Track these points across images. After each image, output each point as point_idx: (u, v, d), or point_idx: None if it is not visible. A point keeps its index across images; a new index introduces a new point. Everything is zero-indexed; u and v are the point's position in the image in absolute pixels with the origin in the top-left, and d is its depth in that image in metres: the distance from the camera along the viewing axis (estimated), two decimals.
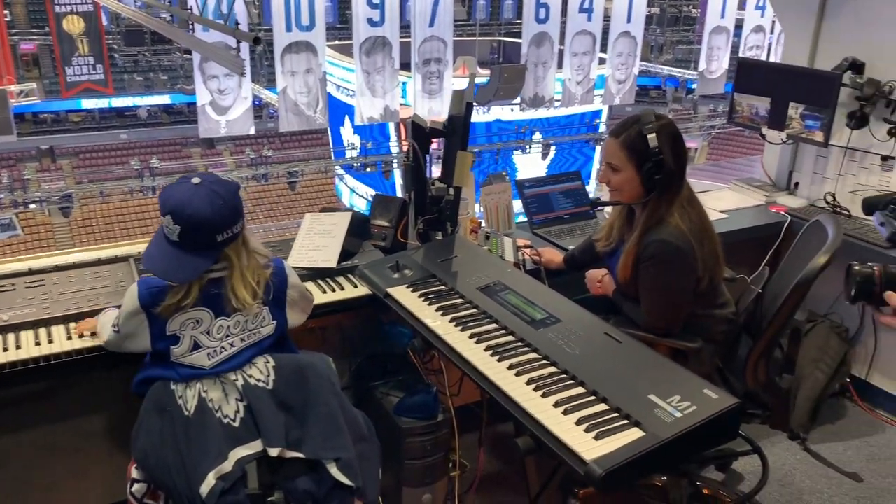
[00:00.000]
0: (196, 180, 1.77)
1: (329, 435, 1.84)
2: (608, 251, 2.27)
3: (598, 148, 15.99)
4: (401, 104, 12.12)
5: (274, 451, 1.78)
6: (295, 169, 13.48)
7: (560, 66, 12.66)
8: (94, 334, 2.04)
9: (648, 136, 2.04)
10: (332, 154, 15.91)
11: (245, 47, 10.65)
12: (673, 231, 2.04)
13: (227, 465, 1.75)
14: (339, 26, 17.21)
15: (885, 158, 3.13)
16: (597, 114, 15.74)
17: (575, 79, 12.99)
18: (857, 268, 1.48)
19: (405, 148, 13.86)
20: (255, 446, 1.80)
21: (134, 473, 1.85)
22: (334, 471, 1.83)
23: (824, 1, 3.24)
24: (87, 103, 17.85)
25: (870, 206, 1.58)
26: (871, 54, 3.09)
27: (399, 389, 2.49)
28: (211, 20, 3.76)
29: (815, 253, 2.09)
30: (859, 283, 1.47)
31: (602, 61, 13.20)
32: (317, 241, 2.44)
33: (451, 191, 2.38)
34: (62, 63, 12.39)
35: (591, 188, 15.01)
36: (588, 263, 2.48)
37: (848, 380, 3.30)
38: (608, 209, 2.58)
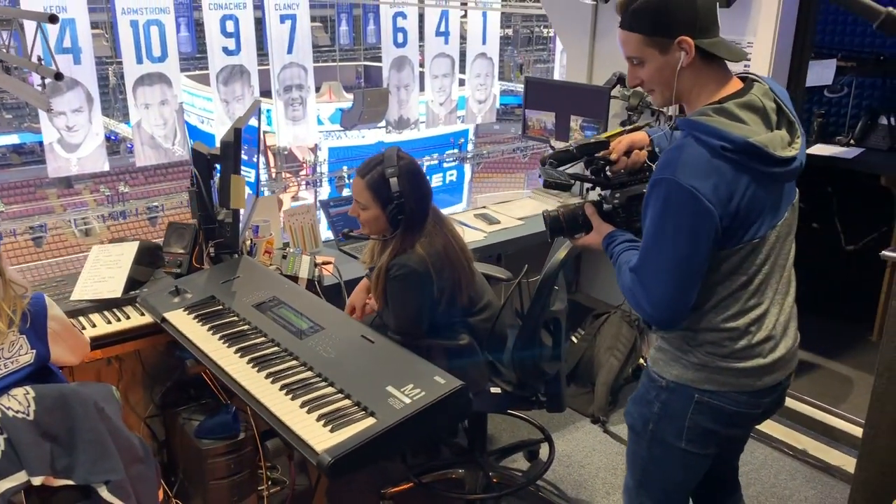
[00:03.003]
0: None
1: (97, 459, 1.87)
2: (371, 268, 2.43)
3: (466, 167, 16.49)
4: (265, 131, 12.03)
5: (37, 480, 1.80)
6: (154, 204, 13.07)
7: (422, 88, 12.97)
8: None
9: (390, 181, 2.18)
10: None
11: (94, 82, 10.33)
12: (415, 258, 2.21)
13: None
14: (199, 56, 16.87)
15: None
16: (463, 133, 16.20)
17: (437, 100, 13.32)
18: (546, 212, 1.82)
19: (273, 174, 13.53)
20: (19, 477, 1.81)
21: None
22: (105, 493, 1.87)
23: (595, 22, 3.58)
24: None
25: (541, 161, 1.87)
26: None
27: (201, 413, 2.54)
28: (12, 55, 3.70)
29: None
30: (550, 224, 1.81)
31: (462, 82, 13.60)
32: (102, 273, 2.46)
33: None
34: None
35: (463, 204, 15.45)
36: None
37: (644, 363, 3.62)
38: None
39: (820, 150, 3.99)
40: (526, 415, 3.16)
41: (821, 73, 3.98)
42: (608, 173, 1.80)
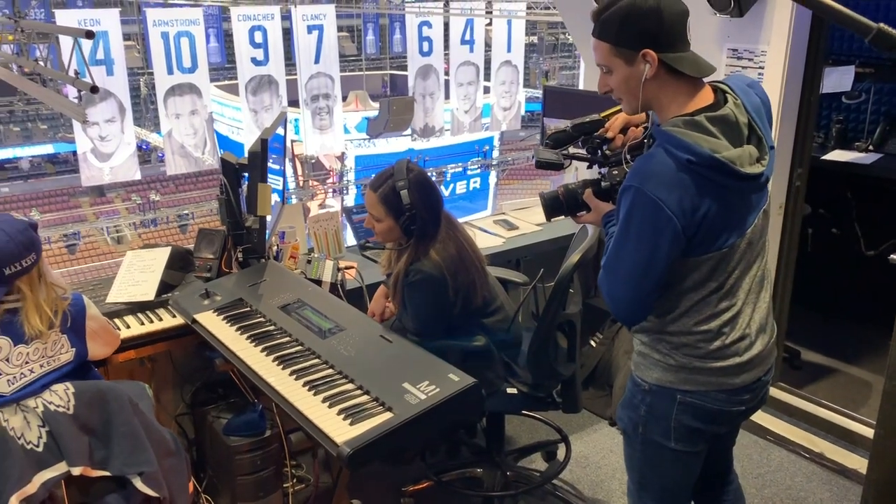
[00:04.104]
0: None
1: (132, 451, 2.00)
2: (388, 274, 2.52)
3: (492, 173, 16.55)
4: (293, 140, 12.20)
5: (76, 470, 1.93)
6: (185, 212, 13.34)
7: (447, 96, 13.08)
8: None
9: (401, 193, 2.27)
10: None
11: (126, 93, 10.62)
12: (430, 264, 2.30)
13: (31, 488, 1.88)
14: (228, 66, 17.17)
15: None
16: (488, 140, 16.27)
17: (462, 108, 13.41)
18: (544, 193, 1.84)
19: (301, 183, 13.68)
20: (60, 468, 1.94)
21: None
22: (139, 484, 1.99)
23: None
24: None
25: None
26: None
27: (229, 411, 2.65)
28: (49, 69, 3.84)
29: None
30: (549, 203, 1.84)
31: (487, 90, 13.67)
32: (136, 277, 2.58)
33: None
34: None
35: (489, 210, 15.50)
36: None
37: None
38: None
39: (838, 155, 4.01)
40: (544, 416, 3.23)
41: (839, 79, 4.01)
42: (606, 151, 1.84)
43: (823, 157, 3.96)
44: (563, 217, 1.89)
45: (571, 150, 1.91)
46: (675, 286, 1.67)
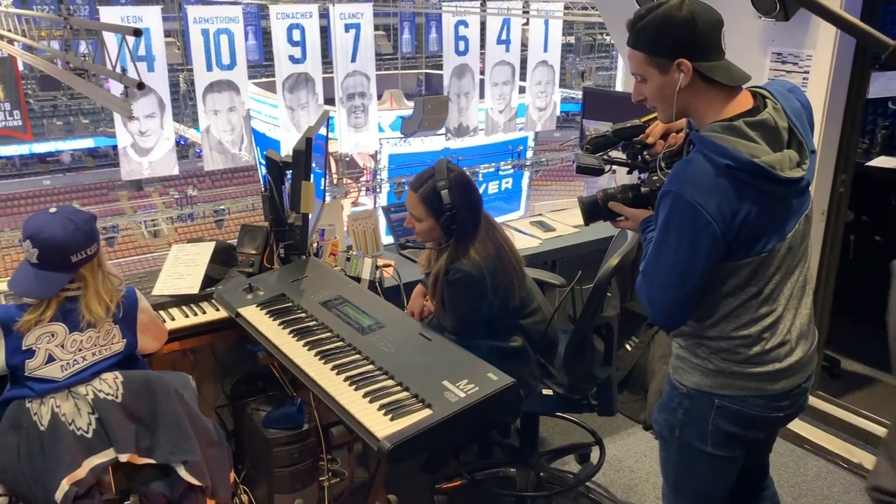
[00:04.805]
0: (53, 210, 2.05)
1: (177, 440, 2.05)
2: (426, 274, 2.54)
3: (525, 174, 16.51)
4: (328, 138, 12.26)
5: (124, 457, 1.99)
6: (221, 207, 13.55)
7: (482, 96, 13.08)
8: None
9: (442, 193, 2.29)
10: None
11: (166, 89, 10.82)
12: (470, 263, 2.31)
13: (81, 473, 1.95)
14: (266, 64, 17.38)
15: None
16: (523, 140, 16.23)
17: (497, 108, 13.39)
18: (582, 197, 1.84)
19: (335, 180, 13.76)
20: (108, 454, 2.00)
21: None
22: (183, 472, 2.04)
23: None
24: (7, 150, 17.58)
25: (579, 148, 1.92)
26: None
27: (268, 404, 2.69)
28: (97, 66, 3.95)
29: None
30: (587, 208, 1.84)
31: (522, 90, 13.64)
32: (181, 270, 2.64)
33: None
34: None
35: (521, 211, 15.46)
36: None
37: None
38: None
39: (884, 162, 3.94)
40: (578, 419, 3.23)
41: (886, 84, 3.94)
42: (646, 156, 1.84)
43: (868, 164, 3.90)
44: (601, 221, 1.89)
45: (612, 154, 1.92)
46: (714, 291, 1.67)
